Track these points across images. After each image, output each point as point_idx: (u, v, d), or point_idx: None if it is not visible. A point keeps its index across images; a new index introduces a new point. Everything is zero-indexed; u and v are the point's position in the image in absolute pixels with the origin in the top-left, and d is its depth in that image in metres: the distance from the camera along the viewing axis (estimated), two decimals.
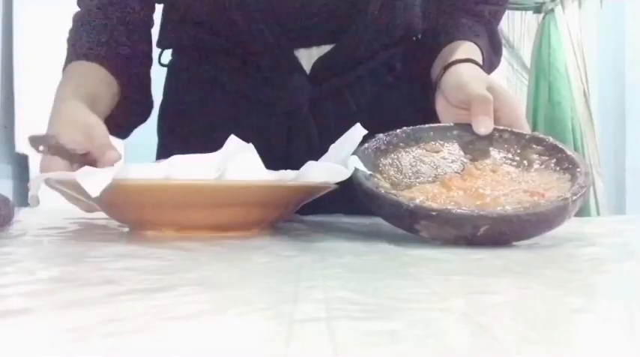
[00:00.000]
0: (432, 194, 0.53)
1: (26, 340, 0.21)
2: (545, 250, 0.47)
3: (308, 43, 0.75)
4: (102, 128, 0.62)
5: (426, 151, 0.62)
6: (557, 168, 0.56)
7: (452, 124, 0.64)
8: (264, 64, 0.76)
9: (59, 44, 0.76)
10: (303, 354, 0.20)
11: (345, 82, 0.78)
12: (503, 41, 0.85)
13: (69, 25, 0.78)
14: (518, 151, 0.60)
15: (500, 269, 0.38)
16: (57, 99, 0.69)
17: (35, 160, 2.28)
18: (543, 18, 3.09)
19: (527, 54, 3.19)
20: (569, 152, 0.57)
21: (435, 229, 0.48)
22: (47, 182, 0.55)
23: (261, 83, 0.77)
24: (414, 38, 0.84)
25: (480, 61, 0.73)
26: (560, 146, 0.58)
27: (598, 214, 2.92)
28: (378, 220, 0.69)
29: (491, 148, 0.61)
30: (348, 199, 0.62)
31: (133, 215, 0.56)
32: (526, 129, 0.62)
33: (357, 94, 0.79)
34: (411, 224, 0.49)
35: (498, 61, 0.83)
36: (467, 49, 0.74)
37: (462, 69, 0.68)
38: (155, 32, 0.84)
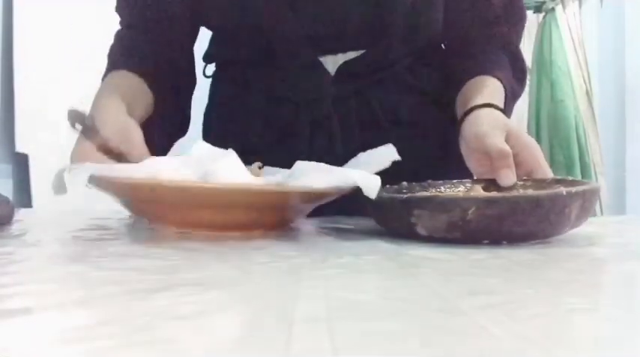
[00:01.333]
0: None
1: (26, 340, 0.21)
2: (545, 250, 0.47)
3: (334, 52, 0.79)
4: (138, 132, 0.64)
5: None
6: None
7: (477, 178, 0.67)
8: (293, 70, 0.79)
9: (59, 44, 0.76)
10: (303, 354, 0.20)
11: (368, 84, 0.81)
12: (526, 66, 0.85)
13: (69, 25, 0.80)
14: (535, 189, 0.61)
15: (500, 269, 0.38)
16: (96, 100, 0.71)
17: (35, 159, 2.25)
18: (544, 17, 3.09)
19: (527, 54, 3.19)
20: (585, 181, 0.58)
21: (427, 217, 0.48)
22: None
23: (288, 83, 0.80)
24: (441, 45, 0.87)
25: (502, 99, 0.74)
26: (578, 179, 0.59)
27: (602, 213, 2.92)
28: None
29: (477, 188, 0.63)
30: (349, 200, 0.62)
31: (139, 210, 0.57)
32: (548, 172, 0.63)
33: (378, 94, 0.82)
34: (407, 217, 0.50)
35: (522, 89, 0.84)
36: (489, 87, 0.75)
37: (481, 116, 0.69)
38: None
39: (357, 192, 0.58)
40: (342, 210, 0.77)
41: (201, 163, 0.54)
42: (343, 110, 0.80)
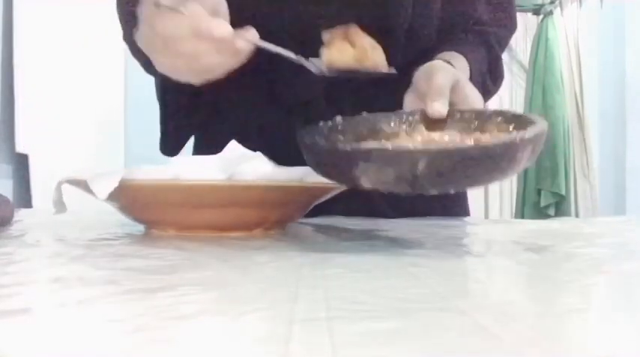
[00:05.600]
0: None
1: (26, 340, 0.21)
2: (545, 250, 0.47)
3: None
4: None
5: (385, 131, 0.61)
6: (513, 130, 0.53)
7: (413, 110, 0.64)
8: (281, 71, 0.78)
9: (59, 44, 0.76)
10: (303, 354, 0.20)
11: (361, 85, 0.81)
12: (504, 70, 0.86)
13: (69, 25, 0.77)
14: (478, 124, 0.58)
15: (500, 269, 0.38)
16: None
17: (35, 159, 2.25)
18: (541, 20, 3.10)
19: (525, 56, 3.19)
20: (529, 115, 0.55)
21: (373, 171, 0.44)
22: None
23: (279, 84, 0.80)
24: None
25: (461, 68, 0.74)
26: (521, 113, 0.56)
27: (577, 215, 2.95)
28: (378, 220, 0.69)
29: (449, 123, 0.60)
30: (349, 200, 0.62)
31: (137, 214, 0.57)
32: None
33: (372, 94, 0.82)
34: (350, 170, 0.45)
35: (495, 89, 0.84)
36: (451, 56, 0.75)
37: (432, 63, 0.69)
38: None
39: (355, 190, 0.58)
40: (342, 210, 0.78)
41: (230, 164, 0.54)
42: (337, 110, 0.80)
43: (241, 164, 0.53)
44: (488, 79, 0.81)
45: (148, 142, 0.91)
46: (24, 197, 2.07)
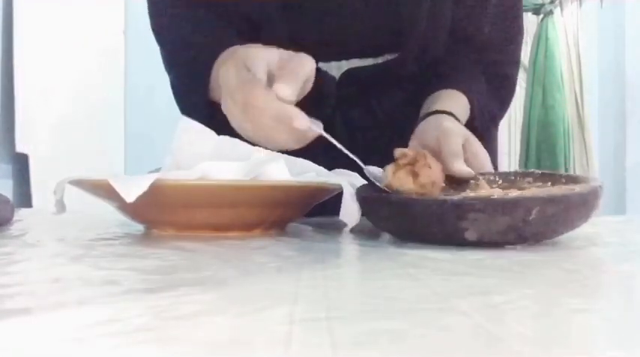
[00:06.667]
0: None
1: (26, 340, 0.21)
2: (545, 250, 0.47)
3: (338, 59, 0.80)
4: (308, 62, 0.59)
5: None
6: (558, 185, 0.56)
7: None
8: None
9: (59, 44, 0.75)
10: (303, 354, 0.20)
11: (372, 89, 0.81)
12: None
13: (69, 25, 0.78)
14: (508, 184, 0.60)
15: (500, 269, 0.38)
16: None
17: (35, 159, 2.26)
18: (542, 20, 3.10)
19: (524, 56, 3.19)
20: (561, 173, 0.58)
21: (484, 221, 0.44)
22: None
23: None
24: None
25: (463, 113, 0.74)
26: (549, 172, 0.59)
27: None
28: None
29: (482, 183, 0.60)
30: None
31: (137, 214, 0.57)
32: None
33: (381, 101, 0.82)
34: (456, 221, 0.45)
35: (502, 113, 0.84)
36: (451, 99, 0.75)
37: (441, 120, 0.69)
38: None
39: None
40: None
41: (253, 168, 0.54)
42: (347, 113, 0.80)
43: (262, 167, 0.54)
44: (493, 106, 0.81)
45: (148, 142, 0.91)
46: (24, 197, 2.07)
